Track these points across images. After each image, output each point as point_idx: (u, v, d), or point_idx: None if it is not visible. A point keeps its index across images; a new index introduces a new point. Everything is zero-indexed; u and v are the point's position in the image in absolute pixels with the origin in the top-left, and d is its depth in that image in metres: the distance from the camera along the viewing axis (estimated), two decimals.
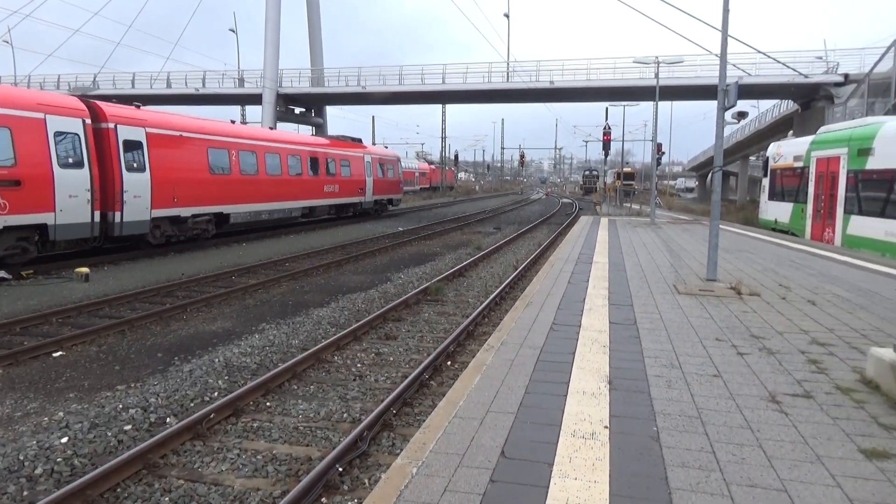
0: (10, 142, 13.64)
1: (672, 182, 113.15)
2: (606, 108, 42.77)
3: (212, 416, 6.20)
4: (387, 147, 45.64)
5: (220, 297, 12.25)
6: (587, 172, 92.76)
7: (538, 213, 44.04)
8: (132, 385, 7.47)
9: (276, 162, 24.12)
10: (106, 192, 16.11)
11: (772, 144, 25.22)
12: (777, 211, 23.12)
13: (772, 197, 23.95)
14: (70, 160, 15.00)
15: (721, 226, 21.03)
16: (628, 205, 41.75)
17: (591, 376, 5.63)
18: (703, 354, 6.39)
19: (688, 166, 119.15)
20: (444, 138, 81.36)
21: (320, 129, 48.87)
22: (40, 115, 14.40)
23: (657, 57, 27.05)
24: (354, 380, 7.71)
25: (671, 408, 4.89)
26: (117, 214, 16.34)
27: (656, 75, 27.53)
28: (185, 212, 18.90)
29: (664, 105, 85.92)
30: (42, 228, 14.43)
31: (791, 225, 21.64)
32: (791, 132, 32.48)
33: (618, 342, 6.80)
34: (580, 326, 7.49)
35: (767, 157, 24.87)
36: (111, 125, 16.36)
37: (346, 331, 9.39)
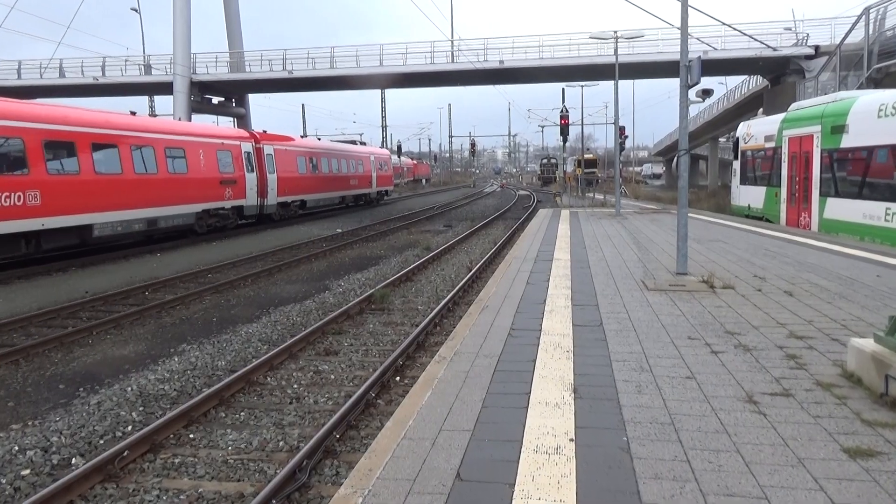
0: (230, 159, 26.57)
1: (638, 168, 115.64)
2: (563, 89, 43.49)
3: (125, 453, 6.03)
4: (369, 146, 54.21)
5: (131, 317, 11.95)
6: (545, 161, 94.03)
7: (493, 207, 44.37)
8: (30, 423, 7.21)
9: (326, 163, 36.93)
10: (260, 187, 28.77)
11: (741, 124, 26.00)
12: (750, 196, 23.85)
13: (744, 181, 24.69)
14: (249, 168, 27.88)
15: (691, 214, 21.62)
16: (591, 195, 42.45)
17: (553, 385, 5.70)
18: (674, 355, 6.54)
19: (654, 151, 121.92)
20: (384, 127, 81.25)
21: (242, 121, 48.19)
22: (238, 143, 27.50)
23: (616, 32, 27.59)
24: (291, 403, 7.63)
25: (642, 415, 4.99)
26: (265, 200, 29.25)
27: (615, 52, 28.09)
28: (289, 199, 31.76)
29: (626, 84, 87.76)
30: (240, 208, 27.26)
31: (765, 210, 22.36)
32: (761, 110, 33.58)
33: (582, 346, 6.91)
34: (541, 331, 7.57)
35: (737, 138, 25.62)
36: (262, 145, 29.31)
37: (279, 348, 9.28)
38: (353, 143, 48.96)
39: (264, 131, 31.09)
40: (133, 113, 22.95)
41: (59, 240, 18.02)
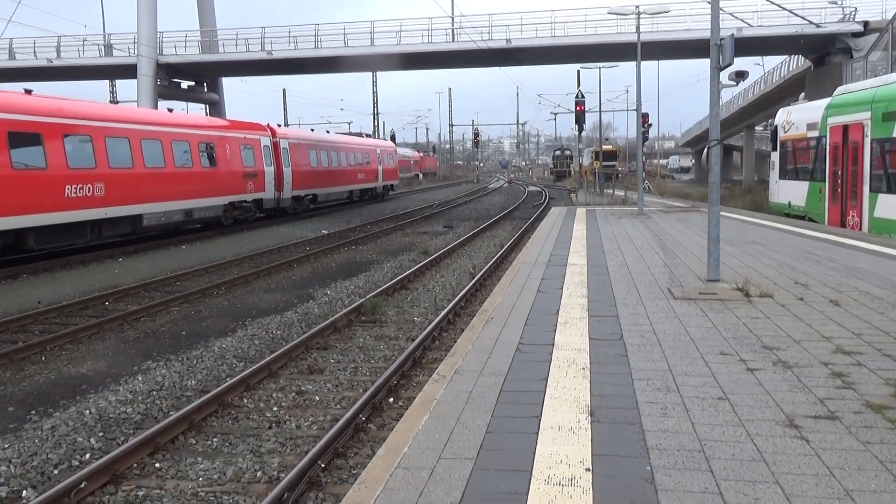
0: (252, 153, 30.69)
1: (663, 161, 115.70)
2: (578, 72, 43.43)
3: (83, 484, 6.03)
4: (366, 135, 60.33)
5: (90, 330, 11.94)
6: (558, 153, 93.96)
7: (499, 205, 44.42)
8: None
9: (335, 157, 41.12)
10: (277, 180, 32.87)
11: (780, 110, 26.03)
12: (790, 192, 23.87)
13: (783, 175, 24.71)
14: (267, 161, 32.05)
15: (724, 213, 21.62)
16: (610, 191, 42.48)
17: (567, 407, 5.70)
18: (705, 373, 6.54)
19: (681, 141, 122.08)
20: (375, 115, 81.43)
21: (215, 108, 48.22)
22: (258, 137, 31.73)
23: (637, 7, 27.63)
24: (270, 427, 7.63)
25: (668, 441, 4.99)
26: (281, 194, 33.35)
27: (637, 29, 28.12)
28: (301, 193, 35.97)
29: (649, 66, 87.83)
30: (259, 202, 31.35)
31: (807, 209, 22.37)
32: (803, 95, 33.59)
33: (600, 363, 6.91)
34: (553, 345, 7.58)
35: (776, 127, 25.64)
36: (278, 139, 33.55)
37: (257, 365, 9.27)
38: (360, 135, 54.94)
39: (279, 125, 35.72)
40: (170, 110, 28.56)
41: (117, 228, 22.20)
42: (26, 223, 18.36)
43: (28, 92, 20.23)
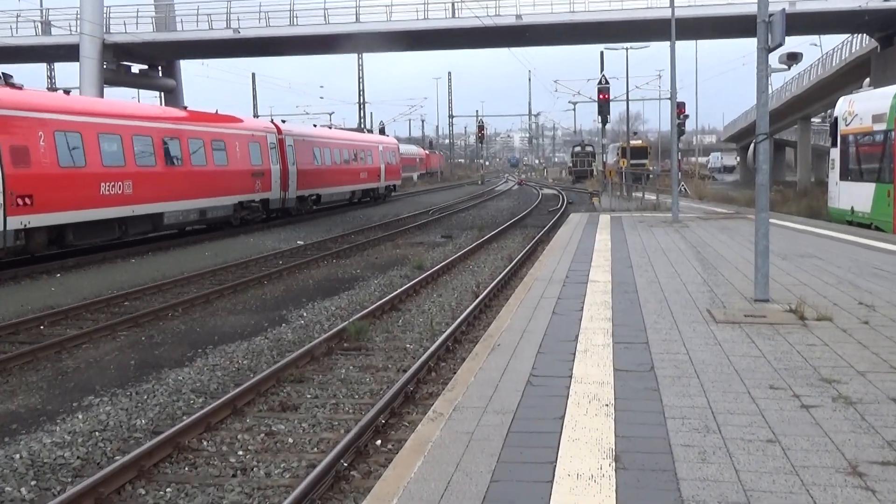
0: (259, 151, 34.24)
1: (703, 159, 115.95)
2: (601, 53, 43.65)
3: None
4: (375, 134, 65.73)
5: (21, 360, 11.92)
6: (578, 149, 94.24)
7: (507, 211, 44.48)
8: None
9: (339, 155, 44.95)
10: (283, 179, 36.50)
11: (841, 99, 26.07)
12: (853, 196, 23.86)
13: (845, 175, 24.71)
14: (273, 160, 35.55)
15: (774, 221, 21.63)
16: (639, 194, 42.51)
17: (588, 451, 5.69)
18: (752, 411, 6.52)
19: (724, 136, 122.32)
20: (362, 104, 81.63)
21: (172, 96, 48.29)
22: (265, 134, 35.53)
23: None
24: (235, 475, 7.61)
25: (707, 492, 4.97)
26: (287, 193, 36.99)
27: (671, 2, 28.17)
28: (306, 193, 39.59)
29: (685, 46, 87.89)
30: (265, 202, 34.91)
31: (873, 215, 22.36)
32: (867, 80, 33.66)
33: (627, 398, 6.89)
34: (571, 377, 7.56)
35: (835, 119, 25.68)
36: (284, 136, 37.27)
37: (219, 401, 9.25)
38: (361, 131, 62.55)
39: (283, 121, 39.90)
40: (185, 108, 32.96)
41: (141, 226, 26.07)
42: (69, 219, 22.14)
43: (67, 92, 24.73)
